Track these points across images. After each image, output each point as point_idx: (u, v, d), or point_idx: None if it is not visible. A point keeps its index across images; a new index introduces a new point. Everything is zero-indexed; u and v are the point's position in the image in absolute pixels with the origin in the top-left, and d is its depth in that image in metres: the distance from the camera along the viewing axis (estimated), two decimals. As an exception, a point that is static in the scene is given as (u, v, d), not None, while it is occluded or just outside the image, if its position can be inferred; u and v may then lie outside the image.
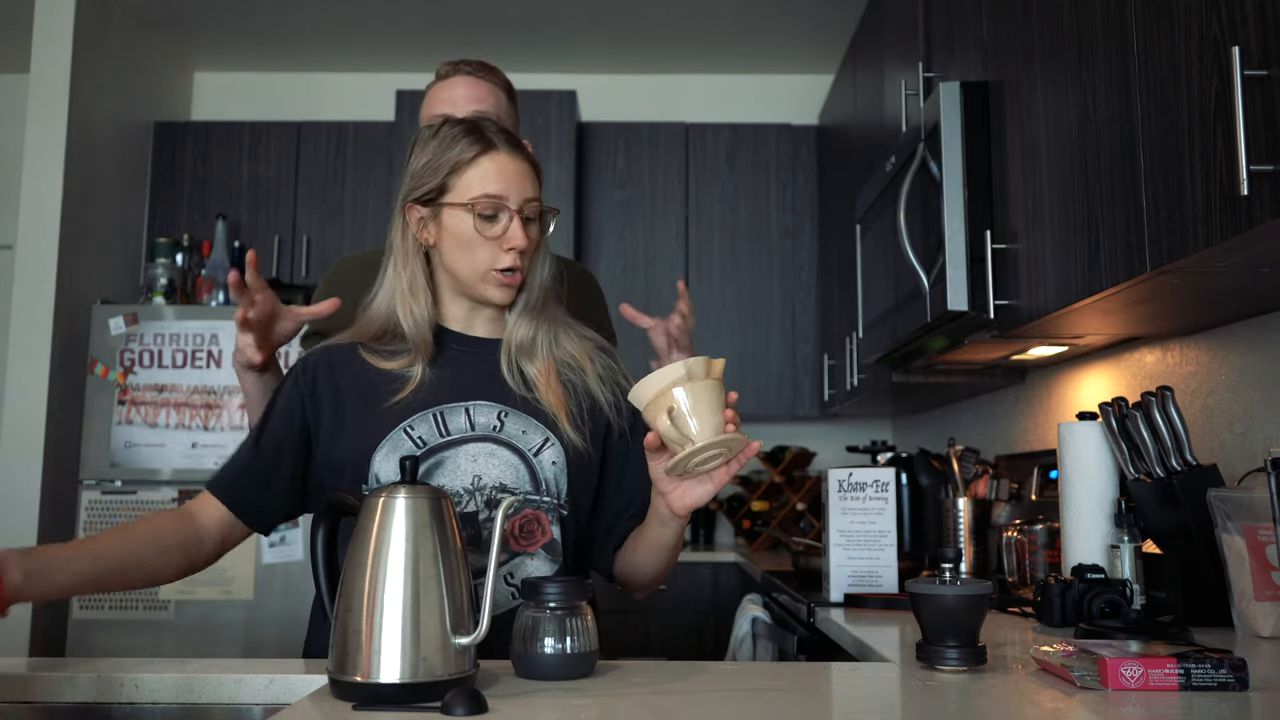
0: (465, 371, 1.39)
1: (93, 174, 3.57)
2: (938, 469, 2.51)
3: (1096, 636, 1.44)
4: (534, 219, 1.37)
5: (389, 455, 1.33)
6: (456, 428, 1.35)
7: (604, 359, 1.47)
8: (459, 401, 1.36)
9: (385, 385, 1.36)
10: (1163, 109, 1.35)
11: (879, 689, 1.17)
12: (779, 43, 4.09)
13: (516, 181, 1.35)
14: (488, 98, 1.74)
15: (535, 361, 1.40)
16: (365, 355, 1.40)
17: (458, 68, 1.75)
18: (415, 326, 1.38)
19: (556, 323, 1.44)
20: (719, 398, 1.19)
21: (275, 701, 1.20)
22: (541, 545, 1.35)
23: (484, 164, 1.35)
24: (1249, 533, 1.52)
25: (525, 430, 1.36)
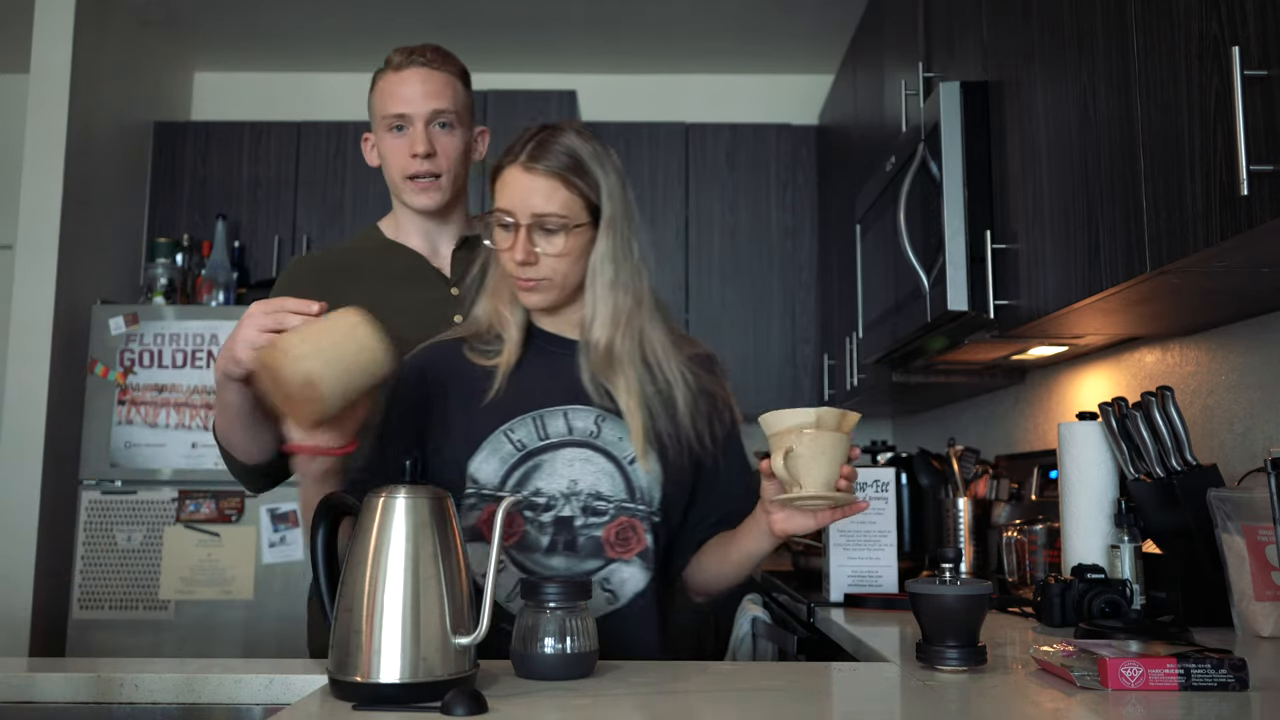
0: (560, 373, 1.40)
1: (93, 174, 3.57)
2: (938, 469, 2.51)
3: (1096, 636, 1.44)
4: (555, 231, 1.35)
5: (489, 457, 1.36)
6: (555, 431, 1.37)
7: (696, 371, 1.45)
8: (558, 405, 1.38)
9: (485, 381, 1.39)
10: (1163, 109, 1.35)
11: (879, 689, 1.17)
12: (779, 43, 4.09)
13: (524, 197, 1.34)
14: (445, 91, 1.64)
15: (614, 375, 1.38)
16: (468, 353, 1.43)
17: (412, 58, 1.64)
18: (505, 328, 1.42)
19: (641, 336, 1.41)
20: (839, 452, 1.22)
21: (275, 701, 1.20)
22: (637, 553, 1.37)
23: (503, 177, 1.38)
24: (1249, 533, 1.52)
25: (621, 438, 1.38)
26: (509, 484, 1.35)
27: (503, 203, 1.36)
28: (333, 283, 1.62)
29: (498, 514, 1.12)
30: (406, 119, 1.60)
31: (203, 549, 3.20)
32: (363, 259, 1.69)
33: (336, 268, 1.68)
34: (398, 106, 1.61)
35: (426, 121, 1.61)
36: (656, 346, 1.41)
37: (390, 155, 1.63)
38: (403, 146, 1.61)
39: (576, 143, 1.37)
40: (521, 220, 1.35)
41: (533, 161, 1.35)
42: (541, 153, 1.35)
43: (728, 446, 1.46)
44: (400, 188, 1.64)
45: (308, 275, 1.68)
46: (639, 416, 1.37)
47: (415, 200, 1.63)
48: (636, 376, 1.38)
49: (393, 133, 1.62)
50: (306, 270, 1.72)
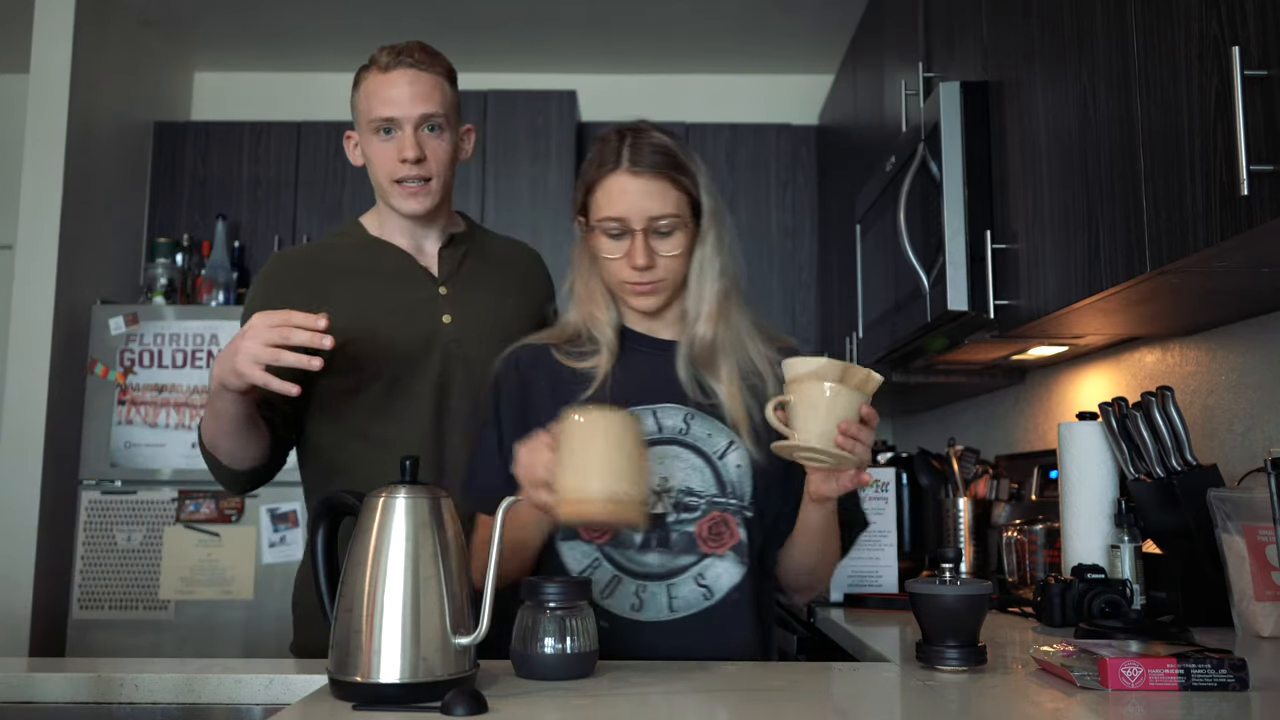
0: (651, 373, 1.41)
1: (93, 174, 3.57)
2: (938, 469, 2.51)
3: (1096, 636, 1.44)
4: (668, 233, 1.36)
5: None
6: (646, 429, 1.36)
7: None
8: (647, 404, 1.39)
9: (576, 385, 1.40)
10: (1163, 109, 1.35)
11: (879, 689, 1.17)
12: (779, 43, 4.08)
13: (638, 201, 1.35)
14: (434, 93, 1.59)
15: (716, 369, 1.40)
16: (557, 355, 1.43)
17: (399, 58, 1.58)
18: (600, 330, 1.42)
19: (741, 330, 1.43)
20: (838, 406, 1.18)
21: (275, 701, 1.20)
22: (730, 547, 1.37)
23: (608, 184, 1.36)
24: (1249, 533, 1.52)
25: (710, 434, 1.38)
26: None
27: (613, 210, 1.35)
28: (318, 281, 1.62)
29: (498, 514, 1.12)
30: (395, 122, 1.57)
31: (203, 549, 3.20)
32: (348, 256, 1.66)
33: (321, 265, 1.65)
34: (385, 110, 1.57)
35: (416, 125, 1.57)
36: (745, 338, 1.42)
37: (377, 159, 1.60)
38: (391, 150, 1.58)
39: (665, 140, 1.38)
40: (637, 226, 1.35)
41: (637, 165, 1.35)
42: (642, 155, 1.35)
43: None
44: (388, 191, 1.61)
45: (291, 273, 1.65)
46: (740, 404, 1.38)
47: (404, 205, 1.60)
48: (737, 366, 1.40)
49: (380, 135, 1.58)
50: (289, 267, 1.67)
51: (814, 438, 1.18)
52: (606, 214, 1.36)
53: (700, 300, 1.40)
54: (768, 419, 1.24)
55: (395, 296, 1.62)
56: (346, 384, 1.58)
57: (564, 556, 1.37)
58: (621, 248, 1.36)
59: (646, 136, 1.37)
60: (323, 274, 1.62)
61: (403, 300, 1.62)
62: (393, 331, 1.60)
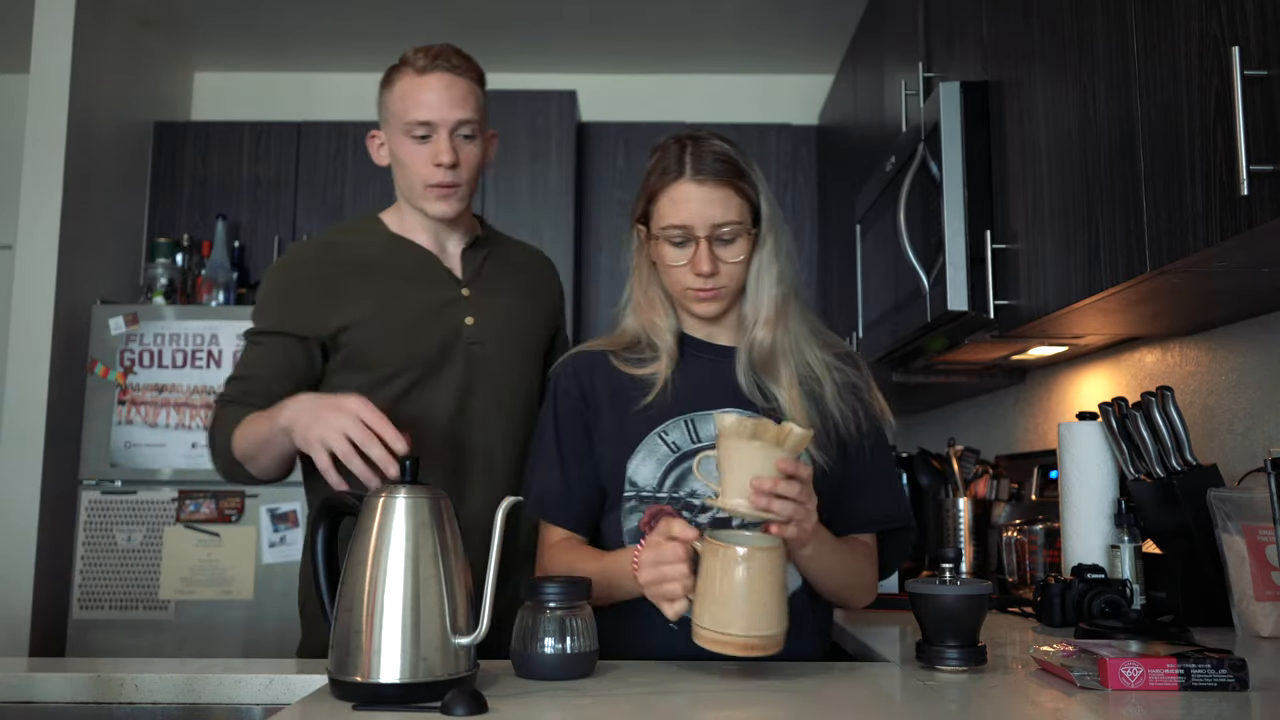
0: (711, 379, 1.42)
1: (93, 174, 3.57)
2: (938, 469, 2.51)
3: (1096, 636, 1.44)
4: (731, 240, 1.38)
5: (645, 459, 1.38)
6: (707, 435, 1.38)
7: (844, 369, 1.46)
8: (708, 409, 1.39)
9: (636, 391, 1.41)
10: (1163, 109, 1.35)
11: (879, 689, 1.17)
12: (779, 43, 4.08)
13: (702, 209, 1.36)
14: (469, 99, 1.59)
15: (776, 374, 1.41)
16: (616, 362, 1.44)
17: (436, 62, 1.57)
18: (660, 337, 1.43)
19: (799, 335, 1.43)
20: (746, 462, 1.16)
21: (275, 701, 1.20)
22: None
23: (673, 193, 1.37)
24: (1249, 533, 1.52)
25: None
26: (665, 485, 1.38)
27: (677, 219, 1.36)
28: (339, 276, 1.60)
29: (498, 514, 1.12)
30: (431, 127, 1.57)
31: (203, 549, 3.20)
32: (371, 253, 1.64)
33: (342, 261, 1.63)
34: (423, 113, 1.56)
35: (451, 130, 1.57)
36: (802, 343, 1.43)
37: (411, 162, 1.59)
38: (426, 154, 1.57)
39: (727, 147, 1.39)
40: (701, 233, 1.36)
41: (701, 173, 1.36)
42: (704, 163, 1.36)
43: (875, 449, 1.44)
44: (419, 195, 1.60)
45: (312, 269, 1.63)
46: (801, 409, 1.38)
47: (435, 208, 1.60)
48: (796, 371, 1.41)
49: (413, 139, 1.58)
50: (310, 262, 1.64)
51: (729, 494, 1.18)
52: (670, 222, 1.37)
53: (759, 305, 1.41)
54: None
55: (418, 297, 1.61)
56: (363, 381, 1.56)
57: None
58: (685, 255, 1.37)
59: (708, 144, 1.38)
60: (344, 269, 1.61)
61: (425, 301, 1.62)
62: (416, 331, 1.59)
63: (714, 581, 1.14)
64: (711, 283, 1.38)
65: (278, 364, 1.58)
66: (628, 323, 1.47)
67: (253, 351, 1.61)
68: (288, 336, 1.59)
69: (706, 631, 1.14)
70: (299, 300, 1.60)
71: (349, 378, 1.57)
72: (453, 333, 1.61)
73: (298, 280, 1.62)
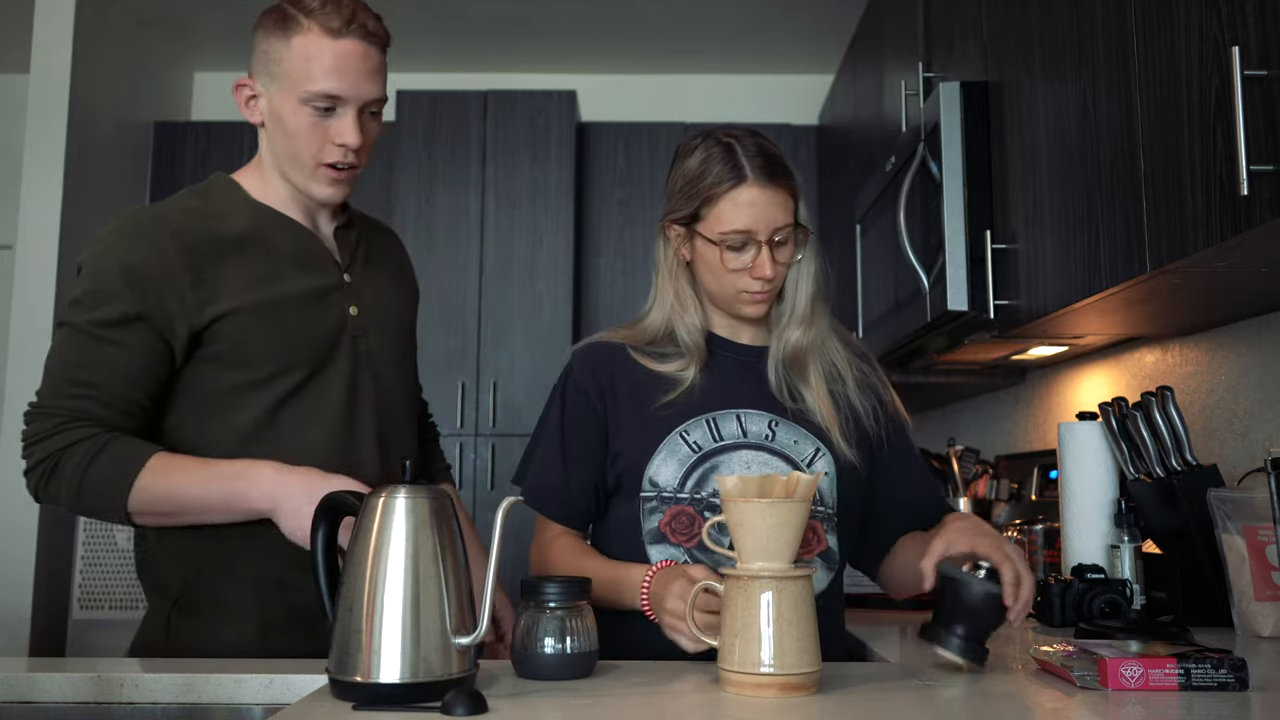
0: (735, 378, 1.42)
1: (93, 174, 3.57)
2: (938, 469, 2.51)
3: (1096, 636, 1.44)
4: (785, 242, 1.38)
5: (666, 460, 1.37)
6: (729, 434, 1.38)
7: (861, 366, 1.47)
8: (731, 408, 1.39)
9: (657, 387, 1.40)
10: (1163, 109, 1.35)
11: (879, 689, 1.17)
12: (779, 43, 4.09)
13: (766, 213, 1.35)
14: (380, 73, 1.39)
15: (805, 372, 1.41)
16: (636, 356, 1.43)
17: (351, 26, 1.35)
18: (689, 335, 1.42)
19: (824, 332, 1.44)
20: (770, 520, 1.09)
21: (275, 701, 1.20)
22: (818, 553, 1.38)
23: (735, 198, 1.35)
24: (1249, 533, 1.52)
25: (797, 440, 1.39)
26: (688, 485, 1.36)
27: (741, 223, 1.34)
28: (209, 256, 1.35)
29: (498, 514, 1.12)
30: (339, 101, 1.35)
31: (203, 549, 3.19)
32: (239, 227, 1.39)
33: (209, 236, 1.36)
34: (332, 85, 1.34)
35: (361, 108, 1.37)
36: (826, 340, 1.44)
37: (306, 135, 1.36)
38: (327, 130, 1.36)
39: (772, 145, 1.39)
40: (763, 238, 1.35)
41: (769, 178, 1.35)
42: (765, 166, 1.35)
43: (897, 439, 1.46)
44: (307, 172, 1.38)
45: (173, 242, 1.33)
46: (829, 406, 1.39)
47: (323, 191, 1.39)
48: (822, 369, 1.42)
49: (313, 110, 1.35)
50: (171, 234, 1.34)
51: (751, 559, 1.10)
52: (734, 227, 1.35)
53: (796, 304, 1.42)
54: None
55: (299, 282, 1.40)
56: (241, 380, 1.36)
57: (653, 560, 1.36)
58: (744, 259, 1.36)
59: (759, 144, 1.37)
60: (211, 245, 1.35)
61: (306, 287, 1.40)
62: (302, 321, 1.39)
63: (734, 616, 1.09)
64: (769, 286, 1.38)
65: (139, 365, 1.32)
66: (653, 317, 1.45)
67: (97, 348, 1.31)
68: (147, 325, 1.31)
69: (737, 675, 1.08)
70: (163, 280, 1.31)
71: (221, 375, 1.35)
72: (338, 324, 1.42)
73: (159, 255, 1.32)
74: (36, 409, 1.35)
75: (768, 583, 1.09)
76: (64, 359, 1.35)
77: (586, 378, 1.43)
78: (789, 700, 1.07)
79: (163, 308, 1.31)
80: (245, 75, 1.43)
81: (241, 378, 1.36)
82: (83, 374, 1.32)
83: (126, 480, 1.28)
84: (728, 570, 1.13)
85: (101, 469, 1.29)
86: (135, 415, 1.34)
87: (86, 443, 1.30)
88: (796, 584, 1.10)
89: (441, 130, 3.86)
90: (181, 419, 1.38)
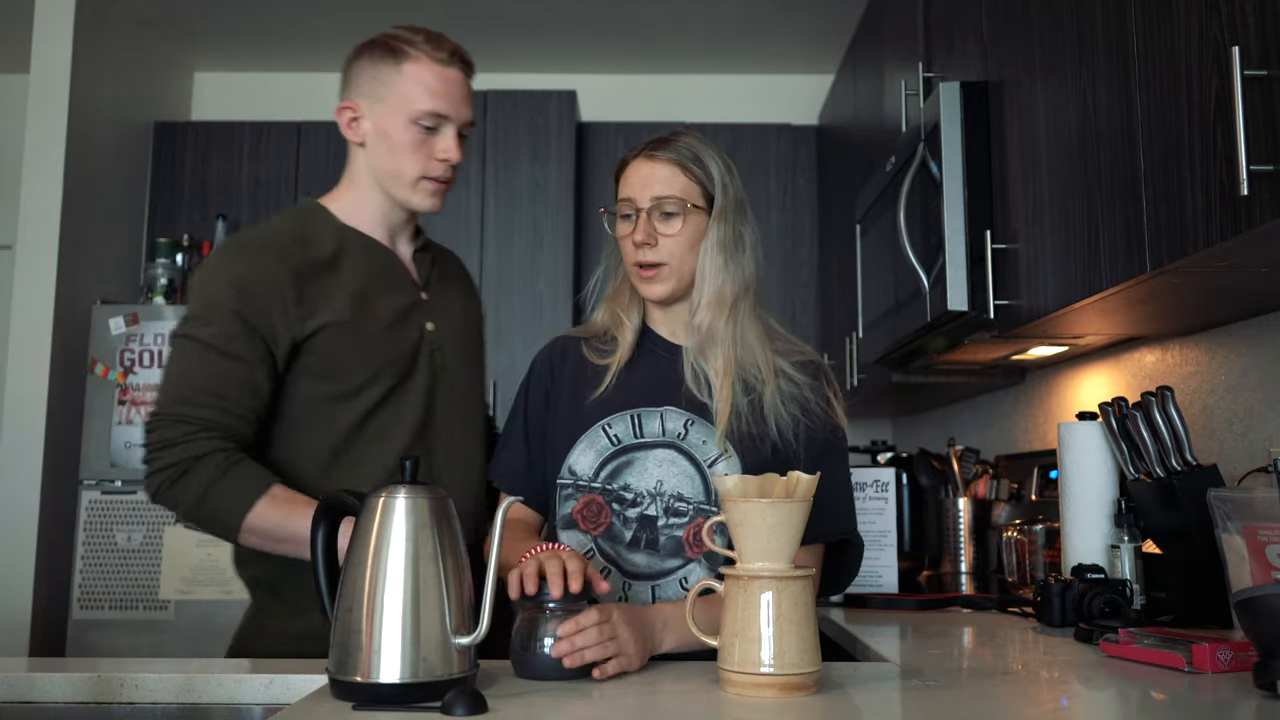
0: (660, 375, 1.45)
1: (93, 174, 3.57)
2: (938, 469, 2.51)
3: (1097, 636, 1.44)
4: (675, 214, 1.42)
5: (586, 450, 1.42)
6: (650, 431, 1.42)
7: (797, 377, 1.44)
8: (653, 406, 1.43)
9: (595, 380, 1.45)
10: (1163, 109, 1.35)
11: (879, 689, 1.17)
12: (779, 43, 4.09)
13: (645, 182, 1.43)
14: (472, 97, 1.58)
15: (712, 360, 1.42)
16: (585, 350, 1.49)
17: (454, 58, 1.54)
18: (621, 329, 1.48)
19: (747, 331, 1.43)
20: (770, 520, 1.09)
21: (275, 701, 1.20)
22: (704, 554, 1.40)
23: (625, 172, 1.46)
24: (1249, 533, 1.52)
25: (705, 440, 1.41)
26: (600, 476, 1.41)
27: (625, 193, 1.44)
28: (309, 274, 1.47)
29: (498, 514, 1.12)
30: (445, 121, 1.52)
31: (203, 549, 3.20)
32: (330, 249, 1.52)
33: (305, 257, 1.49)
34: (441, 105, 1.51)
35: (460, 128, 1.54)
36: (752, 340, 1.43)
37: (410, 150, 1.51)
38: (432, 146, 1.52)
39: (694, 141, 1.46)
40: (643, 205, 1.42)
41: (655, 151, 1.44)
42: (662, 145, 1.44)
43: (823, 460, 1.40)
44: (409, 184, 1.52)
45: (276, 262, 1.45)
46: (729, 399, 1.39)
47: (425, 202, 1.54)
48: (735, 361, 1.42)
49: (418, 127, 1.50)
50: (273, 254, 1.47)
51: (752, 559, 1.11)
52: (621, 195, 1.45)
53: (702, 289, 1.43)
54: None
55: (384, 302, 1.53)
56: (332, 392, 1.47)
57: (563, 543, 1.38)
58: (629, 227, 1.43)
59: (678, 136, 1.46)
60: (307, 265, 1.48)
61: (390, 306, 1.53)
62: (388, 336, 1.52)
63: (734, 617, 1.10)
64: (650, 255, 1.42)
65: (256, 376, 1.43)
66: (599, 312, 1.52)
67: (219, 361, 1.41)
68: (258, 338, 1.43)
69: (737, 675, 1.08)
70: (270, 295, 1.43)
71: (314, 388, 1.47)
72: (418, 339, 1.55)
73: (265, 273, 1.45)
74: (162, 416, 1.42)
75: (768, 583, 1.09)
76: (187, 370, 1.43)
77: (544, 367, 1.51)
78: (789, 700, 1.07)
79: (269, 321, 1.43)
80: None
81: (332, 389, 1.47)
82: (209, 385, 1.41)
83: (247, 503, 1.38)
84: (728, 570, 1.13)
85: (227, 488, 1.39)
86: (253, 425, 1.44)
87: (218, 456, 1.40)
88: (796, 584, 1.10)
89: (441, 130, 3.86)
90: (274, 431, 1.49)
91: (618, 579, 1.39)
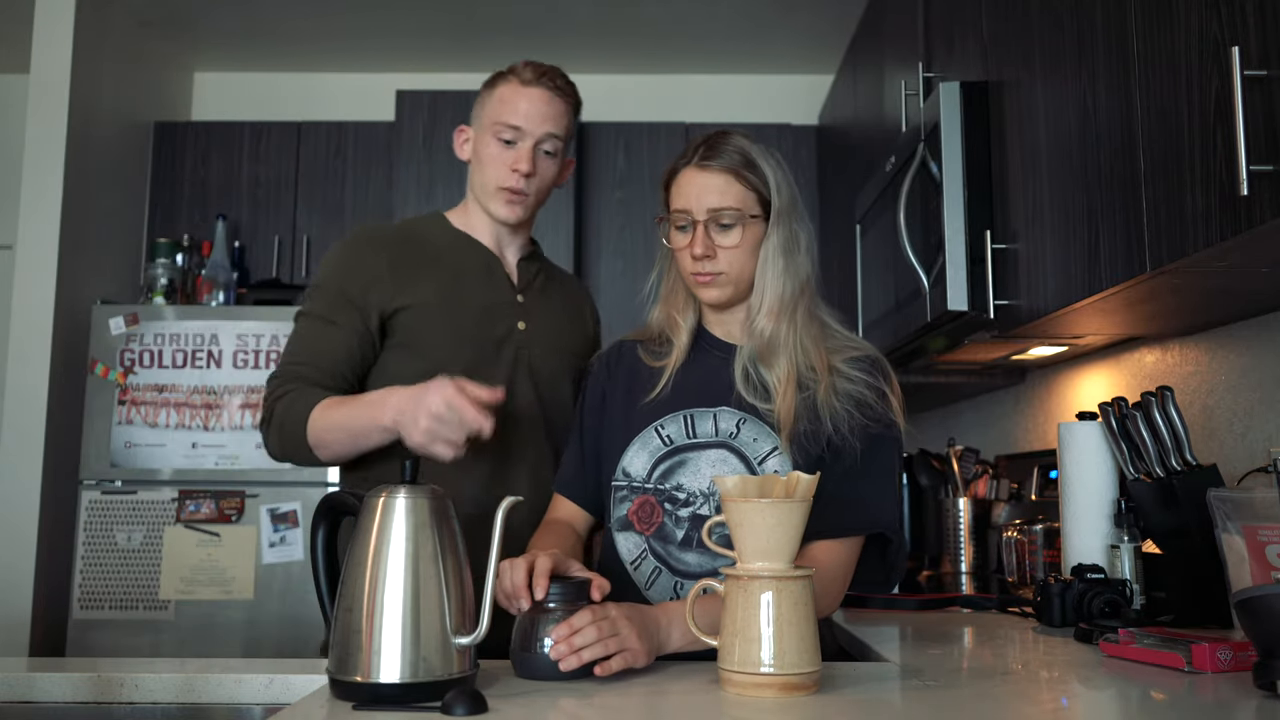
0: (714, 376, 1.45)
1: (93, 174, 3.57)
2: (938, 469, 2.51)
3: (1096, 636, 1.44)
4: (731, 225, 1.41)
5: (639, 451, 1.43)
6: (703, 431, 1.42)
7: (852, 372, 1.42)
8: (707, 406, 1.43)
9: (651, 380, 1.46)
10: (1163, 109, 1.35)
11: (879, 689, 1.17)
12: (779, 43, 4.08)
13: (700, 193, 1.41)
14: (561, 118, 1.68)
15: (775, 367, 1.42)
16: (640, 353, 1.51)
17: (542, 79, 1.67)
18: (676, 330, 1.48)
19: (805, 332, 1.43)
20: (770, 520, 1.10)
21: (275, 701, 1.20)
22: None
23: (679, 179, 1.44)
24: (1249, 533, 1.52)
25: (756, 438, 1.40)
26: (654, 477, 1.42)
27: (679, 204, 1.43)
28: (406, 263, 1.64)
29: (498, 514, 1.12)
30: (519, 133, 1.63)
31: (203, 549, 3.20)
32: (438, 246, 1.69)
33: (410, 248, 1.66)
34: (515, 119, 1.63)
35: (536, 142, 1.64)
36: (809, 341, 1.43)
37: (491, 162, 1.65)
38: (507, 157, 1.64)
39: (744, 143, 1.44)
40: (699, 217, 1.40)
41: (706, 160, 1.42)
42: (713, 152, 1.42)
43: (869, 452, 1.39)
44: (490, 194, 1.66)
45: (380, 246, 1.65)
46: (790, 407, 1.38)
47: (501, 210, 1.66)
48: (795, 367, 1.41)
49: (499, 142, 1.64)
50: (380, 241, 1.67)
51: (752, 559, 1.11)
52: (675, 206, 1.44)
53: (762, 296, 1.43)
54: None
55: (476, 294, 1.66)
56: (419, 367, 1.55)
57: (619, 546, 1.43)
58: (686, 239, 1.42)
59: (726, 138, 1.44)
60: (411, 254, 1.65)
61: (482, 299, 1.66)
62: (472, 323, 1.64)
63: (734, 617, 1.10)
64: (708, 267, 1.41)
65: (348, 343, 1.59)
66: (652, 315, 1.52)
67: (319, 328, 1.60)
68: (356, 312, 1.59)
69: (737, 675, 1.08)
70: (368, 274, 1.61)
71: (403, 364, 1.59)
72: (505, 333, 1.65)
73: (367, 254, 1.63)
74: (270, 379, 1.60)
75: (768, 583, 1.09)
76: (295, 339, 1.63)
77: (601, 371, 1.54)
78: (789, 700, 1.07)
79: (365, 297, 1.59)
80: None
81: (419, 366, 1.54)
82: (305, 348, 1.60)
83: (304, 417, 1.52)
84: (728, 570, 1.13)
85: (288, 410, 1.54)
86: (339, 387, 1.57)
87: (294, 392, 1.55)
88: (796, 584, 1.10)
89: (441, 130, 3.85)
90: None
91: (668, 579, 1.39)
